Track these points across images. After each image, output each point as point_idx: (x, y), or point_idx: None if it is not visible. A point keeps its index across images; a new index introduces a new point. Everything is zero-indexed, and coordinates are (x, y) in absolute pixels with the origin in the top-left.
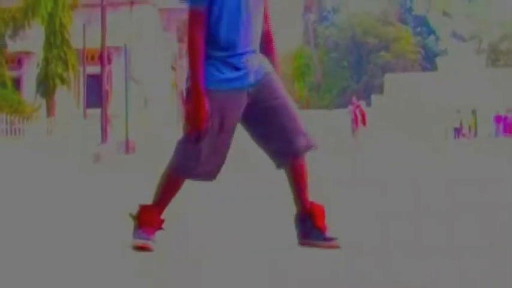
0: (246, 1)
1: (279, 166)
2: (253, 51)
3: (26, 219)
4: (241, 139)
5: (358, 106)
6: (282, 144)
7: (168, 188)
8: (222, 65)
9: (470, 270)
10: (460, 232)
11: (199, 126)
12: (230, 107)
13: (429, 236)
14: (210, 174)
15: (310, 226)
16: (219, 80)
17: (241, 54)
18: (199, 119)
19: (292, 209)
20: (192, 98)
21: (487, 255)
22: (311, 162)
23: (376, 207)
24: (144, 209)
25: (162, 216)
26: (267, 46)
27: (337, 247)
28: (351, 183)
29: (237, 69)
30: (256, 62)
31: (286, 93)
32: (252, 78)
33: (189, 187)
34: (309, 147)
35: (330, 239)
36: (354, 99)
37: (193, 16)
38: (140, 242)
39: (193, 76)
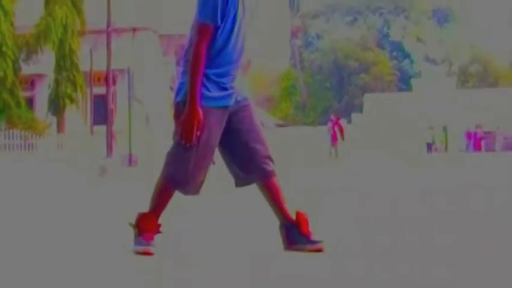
0: (239, 26)
1: (238, 185)
2: (234, 74)
3: (38, 226)
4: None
5: (336, 123)
6: (251, 166)
7: (161, 197)
8: (210, 83)
9: (444, 273)
10: (434, 237)
11: (192, 134)
12: (214, 124)
13: (406, 240)
14: (196, 190)
15: (295, 233)
16: (206, 98)
17: (229, 75)
18: (193, 126)
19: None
20: (189, 106)
21: (460, 259)
22: (297, 173)
23: (357, 214)
24: (142, 216)
25: (159, 221)
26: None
27: (322, 249)
28: (333, 192)
29: (223, 89)
30: (238, 84)
31: (258, 119)
32: (232, 100)
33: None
34: (274, 171)
35: (316, 242)
36: (332, 116)
37: (202, 29)
38: (141, 248)
39: (192, 85)
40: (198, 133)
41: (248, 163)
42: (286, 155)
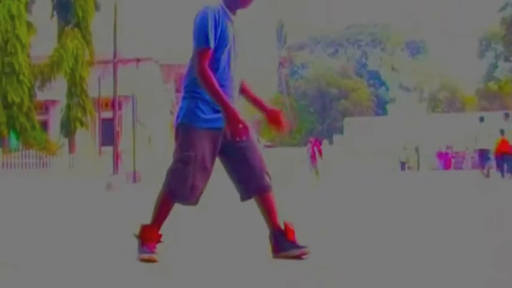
0: (234, 53)
1: (243, 199)
2: (232, 97)
3: (51, 236)
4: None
5: (315, 144)
6: (249, 181)
7: (162, 209)
8: (205, 106)
9: (415, 281)
10: (407, 247)
11: (241, 128)
12: (210, 144)
13: (381, 250)
14: (194, 201)
15: (283, 240)
16: (202, 120)
17: (225, 95)
18: (239, 122)
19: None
20: (226, 113)
21: (428, 267)
22: (283, 188)
23: (337, 225)
24: (145, 228)
25: (160, 232)
26: (249, 94)
27: (307, 253)
28: (316, 205)
29: (217, 111)
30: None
31: (255, 137)
32: None
33: (180, 209)
34: (270, 186)
35: (301, 247)
36: (311, 138)
37: (202, 53)
38: (146, 255)
39: (216, 95)
40: (246, 126)
41: (247, 178)
42: (274, 173)
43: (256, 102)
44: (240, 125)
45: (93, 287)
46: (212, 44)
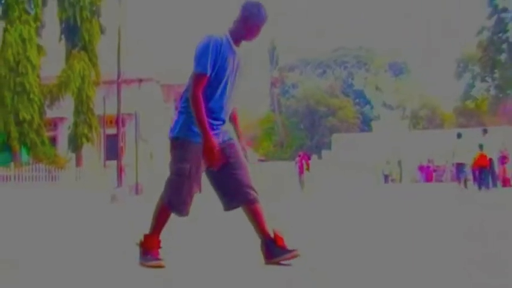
0: (231, 82)
1: (226, 209)
2: (225, 120)
3: (59, 244)
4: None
5: (303, 157)
6: (234, 195)
7: (160, 218)
8: None
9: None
10: (390, 253)
11: (215, 160)
12: (201, 158)
13: (365, 255)
14: (187, 212)
15: (273, 247)
16: (196, 135)
17: (217, 118)
18: (213, 154)
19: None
20: (204, 140)
21: (409, 274)
22: (275, 198)
23: (324, 232)
24: (146, 237)
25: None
26: (235, 124)
27: (298, 256)
28: (305, 214)
29: (212, 128)
30: (225, 128)
31: (242, 155)
32: (220, 139)
33: (176, 217)
34: (256, 198)
35: (291, 251)
36: (300, 152)
37: (197, 78)
38: (153, 262)
39: (200, 123)
40: (220, 158)
41: (234, 191)
42: (266, 185)
43: (236, 133)
44: (215, 157)
45: None
46: (209, 71)
